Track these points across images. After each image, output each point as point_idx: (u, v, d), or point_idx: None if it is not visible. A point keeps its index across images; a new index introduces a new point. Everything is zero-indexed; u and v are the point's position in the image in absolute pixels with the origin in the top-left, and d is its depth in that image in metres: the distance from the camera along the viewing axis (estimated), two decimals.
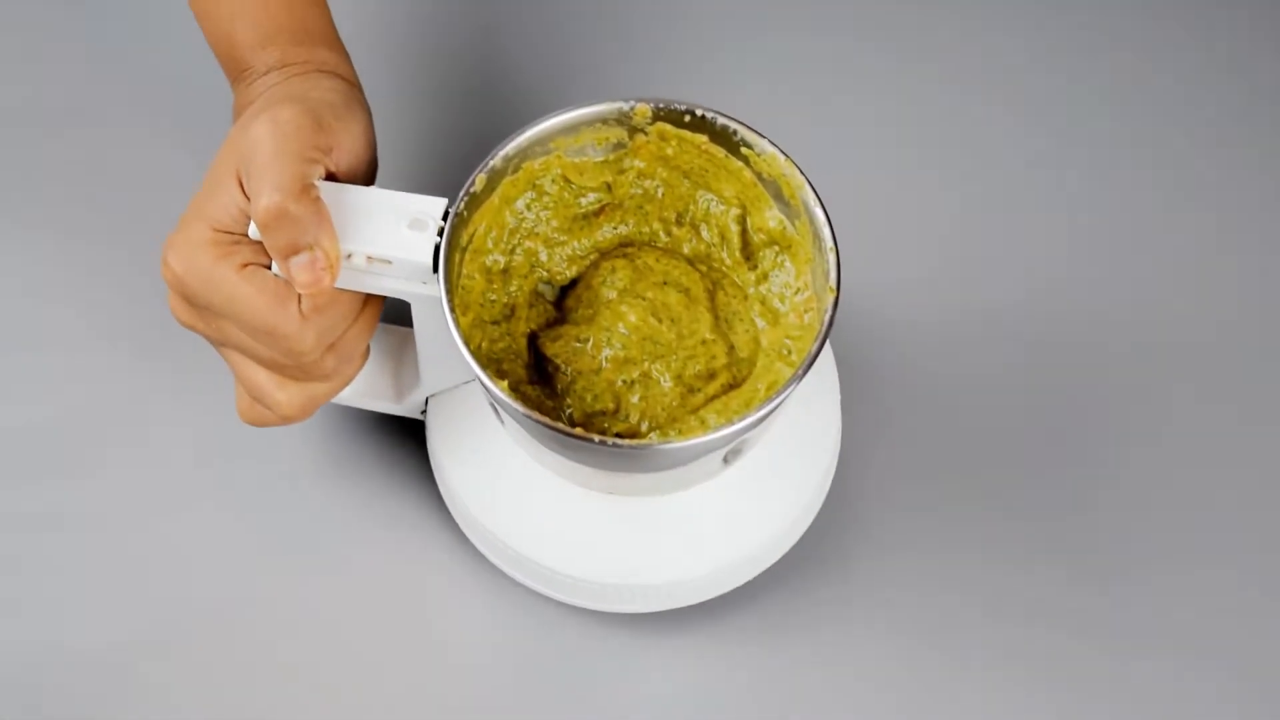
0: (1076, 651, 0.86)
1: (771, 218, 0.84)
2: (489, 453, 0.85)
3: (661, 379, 0.81)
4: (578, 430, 0.75)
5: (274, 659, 0.86)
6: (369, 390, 0.89)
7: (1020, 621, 0.87)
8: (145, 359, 0.92)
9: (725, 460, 0.81)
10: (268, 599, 0.87)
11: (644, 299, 0.82)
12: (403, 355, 0.89)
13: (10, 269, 0.95)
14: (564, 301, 0.85)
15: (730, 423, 0.76)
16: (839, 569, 0.87)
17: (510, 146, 0.81)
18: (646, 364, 0.81)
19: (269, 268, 0.76)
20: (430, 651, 0.86)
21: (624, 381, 0.81)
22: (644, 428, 0.81)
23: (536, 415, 0.75)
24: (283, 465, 0.90)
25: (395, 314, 0.90)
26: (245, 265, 0.75)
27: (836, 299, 0.78)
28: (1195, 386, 0.93)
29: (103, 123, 0.98)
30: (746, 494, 0.85)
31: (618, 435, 0.80)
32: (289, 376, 0.78)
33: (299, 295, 0.75)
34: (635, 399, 0.81)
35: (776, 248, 0.84)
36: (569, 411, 0.81)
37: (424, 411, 0.89)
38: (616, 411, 0.81)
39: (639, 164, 0.85)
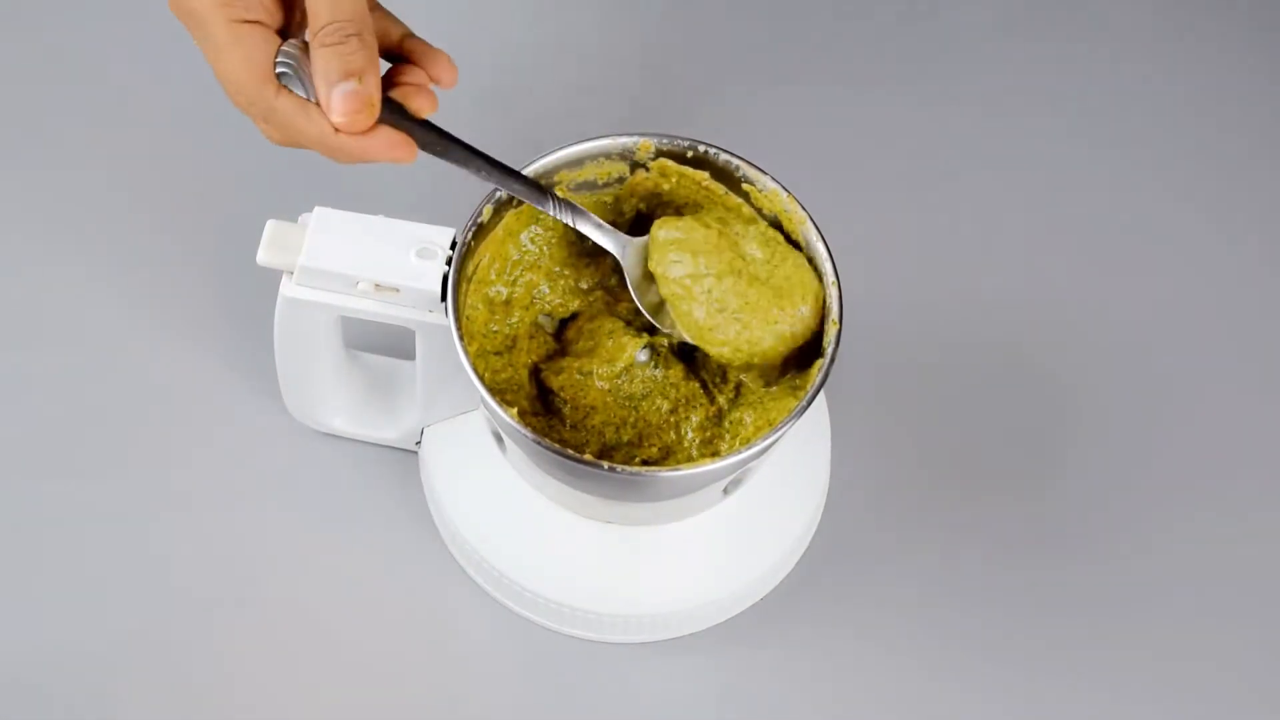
0: (1075, 680, 0.87)
1: None
2: (487, 482, 0.86)
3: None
4: (588, 457, 0.76)
5: (267, 691, 0.86)
6: (364, 420, 0.90)
7: (1021, 643, 0.88)
8: (142, 371, 0.93)
9: (726, 491, 0.82)
10: (262, 625, 0.87)
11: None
12: (399, 386, 0.90)
13: (9, 269, 0.95)
14: (564, 334, 0.86)
15: (736, 451, 0.77)
16: (833, 596, 0.88)
17: None
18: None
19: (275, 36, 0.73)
20: (426, 682, 0.86)
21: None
22: None
23: (546, 442, 0.76)
24: (274, 496, 0.90)
25: (389, 347, 0.90)
26: (241, 21, 0.72)
27: (839, 332, 0.79)
28: (1196, 408, 0.95)
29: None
30: (742, 524, 0.85)
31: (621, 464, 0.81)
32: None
33: (252, 54, 0.72)
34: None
35: None
36: (573, 441, 0.82)
37: (418, 443, 0.90)
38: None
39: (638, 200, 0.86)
